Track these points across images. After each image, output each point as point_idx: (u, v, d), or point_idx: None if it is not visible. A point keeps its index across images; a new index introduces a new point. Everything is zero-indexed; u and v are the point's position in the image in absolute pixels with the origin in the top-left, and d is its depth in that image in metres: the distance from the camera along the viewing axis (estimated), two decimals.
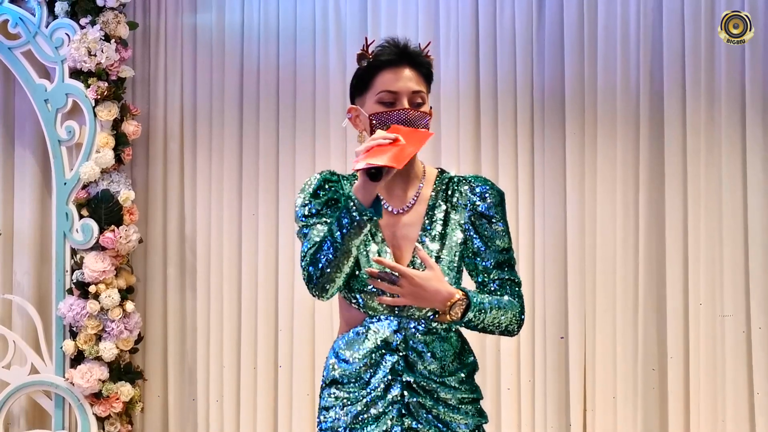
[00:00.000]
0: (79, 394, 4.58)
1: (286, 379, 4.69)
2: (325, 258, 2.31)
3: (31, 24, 4.64)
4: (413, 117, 2.39)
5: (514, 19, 4.46)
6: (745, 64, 4.23)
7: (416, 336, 2.41)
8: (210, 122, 4.82)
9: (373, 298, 2.39)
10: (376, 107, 2.41)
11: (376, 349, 2.40)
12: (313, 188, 2.43)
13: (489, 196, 2.46)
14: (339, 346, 2.45)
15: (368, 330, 2.42)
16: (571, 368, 4.37)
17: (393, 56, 2.41)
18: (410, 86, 2.40)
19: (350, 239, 2.30)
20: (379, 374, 2.39)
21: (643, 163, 4.33)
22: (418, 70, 2.43)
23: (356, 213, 2.28)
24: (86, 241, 4.56)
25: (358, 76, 2.45)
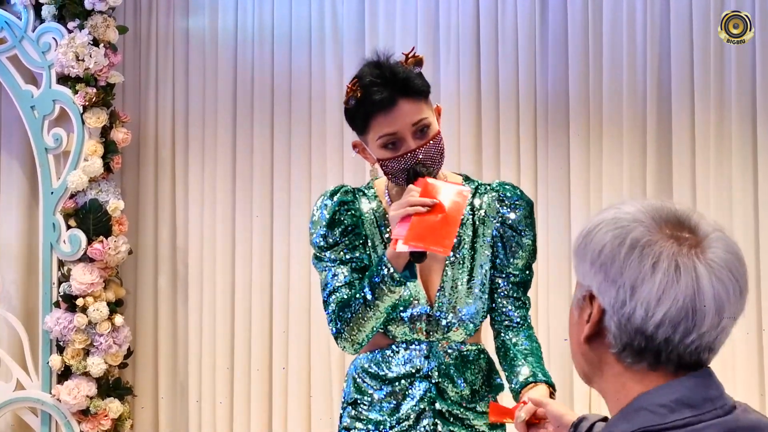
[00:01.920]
0: (66, 411, 4.50)
1: (281, 393, 4.61)
2: (355, 316, 2.25)
3: (17, 28, 4.57)
4: (423, 155, 2.25)
5: (516, 20, 4.42)
6: (756, 65, 4.20)
7: (448, 361, 2.32)
8: (202, 129, 4.75)
9: (402, 326, 2.30)
10: (382, 153, 2.27)
11: (406, 376, 2.31)
12: (329, 214, 2.33)
13: (519, 207, 2.36)
14: (364, 364, 2.35)
15: (396, 354, 2.33)
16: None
17: (382, 96, 2.22)
18: (409, 120, 2.25)
19: (382, 302, 2.23)
20: (410, 402, 2.30)
21: (651, 167, 4.28)
22: (410, 95, 2.25)
23: (389, 280, 2.20)
24: (74, 253, 4.48)
25: (351, 118, 2.31)
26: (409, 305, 2.30)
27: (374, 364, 2.33)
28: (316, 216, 2.35)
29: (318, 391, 4.55)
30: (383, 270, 2.20)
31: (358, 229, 2.33)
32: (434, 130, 2.29)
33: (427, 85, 2.32)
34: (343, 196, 2.36)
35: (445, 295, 2.31)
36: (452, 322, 2.31)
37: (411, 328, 2.30)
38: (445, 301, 2.31)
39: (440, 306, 2.31)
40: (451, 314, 2.31)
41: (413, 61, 2.30)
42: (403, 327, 2.30)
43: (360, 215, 2.34)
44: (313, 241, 2.35)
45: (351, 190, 2.38)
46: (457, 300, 2.31)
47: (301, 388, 4.59)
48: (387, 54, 2.29)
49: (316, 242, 2.34)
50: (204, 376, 4.71)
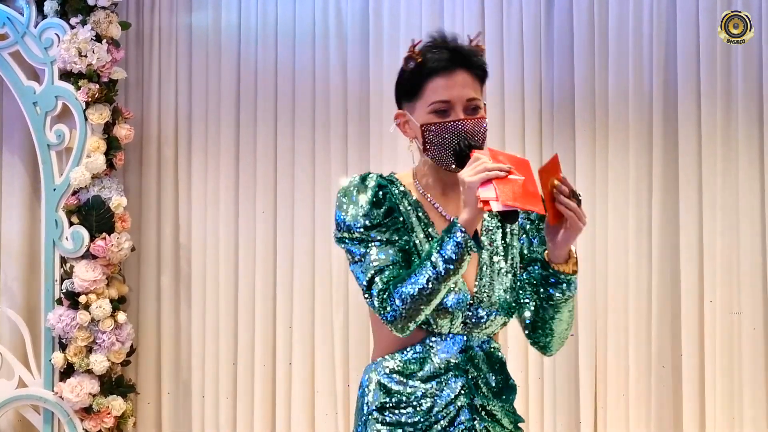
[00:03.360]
0: (68, 409, 4.49)
1: (285, 389, 4.60)
2: (420, 292, 2.12)
3: (19, 24, 4.54)
4: (471, 128, 2.20)
5: (521, 20, 4.40)
6: (762, 65, 4.20)
7: (480, 356, 2.26)
8: (206, 126, 4.73)
9: (444, 316, 2.22)
10: (429, 117, 2.21)
11: (442, 371, 2.23)
12: (371, 195, 2.24)
13: None
14: (390, 365, 2.26)
15: (430, 349, 2.24)
16: (581, 366, 4.32)
17: (444, 60, 2.20)
18: (465, 93, 2.20)
19: (454, 273, 2.12)
20: (446, 398, 2.22)
21: (657, 167, 4.27)
22: (473, 72, 2.23)
23: (464, 245, 2.10)
24: (76, 250, 4.46)
25: (405, 81, 2.26)
26: (451, 292, 2.21)
27: (407, 363, 2.25)
28: (349, 197, 2.24)
29: (322, 387, 4.53)
30: (457, 237, 2.10)
31: (396, 213, 2.25)
32: (481, 113, 2.25)
33: (486, 72, 2.28)
34: (380, 180, 2.27)
35: (484, 284, 2.25)
36: (491, 312, 2.25)
37: (452, 319, 2.23)
38: (483, 291, 2.25)
39: (479, 295, 2.24)
40: (489, 305, 2.25)
41: (477, 50, 2.27)
42: (446, 318, 2.22)
43: (396, 201, 2.26)
44: (351, 224, 2.21)
45: (384, 177, 2.29)
46: (494, 290, 2.26)
47: (305, 384, 4.57)
48: (452, 33, 2.27)
49: (356, 224, 2.21)
50: (207, 373, 4.69)
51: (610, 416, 4.28)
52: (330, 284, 4.52)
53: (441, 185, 2.29)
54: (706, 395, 4.19)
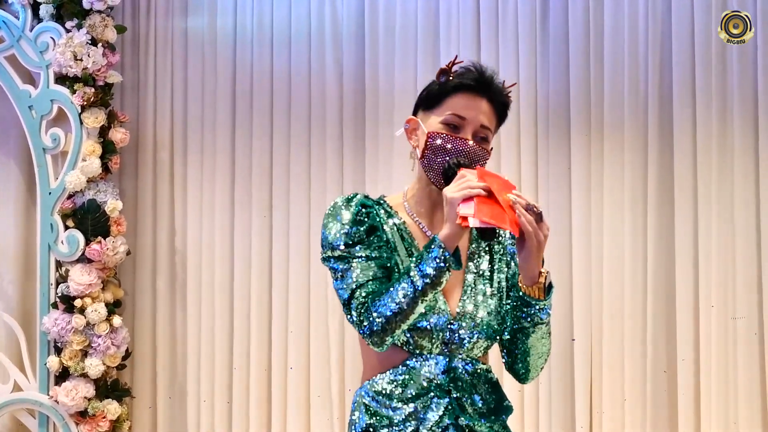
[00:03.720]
0: (63, 413, 4.47)
1: (280, 395, 4.59)
2: (398, 307, 2.15)
3: (14, 27, 4.54)
4: (473, 151, 2.26)
5: (517, 22, 4.39)
6: (758, 67, 4.18)
7: (464, 376, 2.27)
8: (201, 130, 4.72)
9: (424, 337, 2.24)
10: (439, 127, 2.27)
11: (426, 391, 2.24)
12: (352, 214, 2.27)
13: None
14: (375, 388, 2.28)
15: (412, 370, 2.26)
16: (576, 371, 4.31)
17: (474, 82, 2.28)
18: (481, 119, 2.28)
19: (432, 289, 2.15)
20: (431, 419, 2.22)
21: (652, 168, 4.26)
22: (495, 106, 2.31)
23: (444, 263, 2.13)
24: (72, 253, 4.45)
25: (432, 91, 2.32)
26: (431, 313, 2.24)
27: (389, 384, 2.27)
28: (336, 216, 2.27)
29: (318, 391, 4.52)
30: (436, 253, 2.13)
31: (379, 231, 2.28)
32: (488, 146, 2.31)
33: (506, 116, 2.36)
34: (363, 199, 2.31)
35: (467, 306, 2.27)
36: (473, 334, 2.26)
37: (432, 340, 2.24)
38: (466, 312, 2.27)
39: (461, 317, 2.26)
40: (471, 326, 2.26)
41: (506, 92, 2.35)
42: (425, 338, 2.24)
43: (380, 220, 2.30)
44: (333, 241, 2.24)
45: (369, 197, 2.34)
46: (478, 312, 2.27)
47: (301, 388, 4.56)
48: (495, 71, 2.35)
49: (338, 241, 2.24)
50: (202, 377, 4.67)
51: (606, 421, 4.27)
52: (326, 288, 4.51)
53: (429, 205, 2.33)
54: (702, 399, 4.17)
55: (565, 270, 4.33)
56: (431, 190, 2.31)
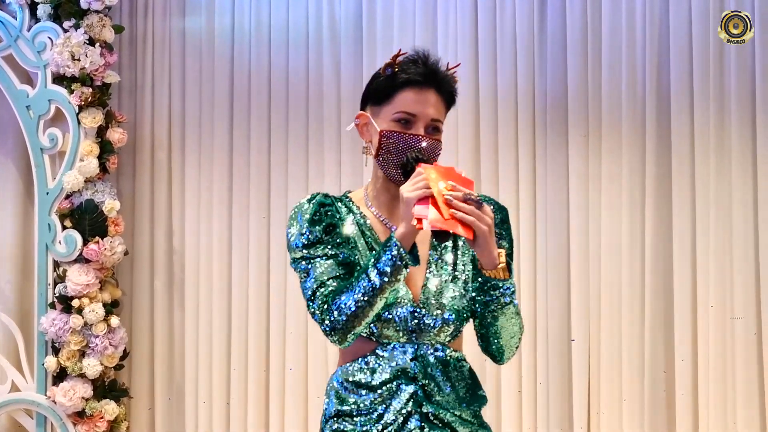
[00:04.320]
0: (61, 413, 4.47)
1: (278, 395, 4.58)
2: (356, 305, 2.19)
3: (12, 27, 4.53)
4: (427, 146, 2.29)
5: (515, 20, 4.39)
6: (755, 65, 4.18)
7: (433, 364, 2.29)
8: (199, 130, 4.71)
9: (389, 327, 2.28)
10: (391, 125, 2.30)
11: (393, 378, 2.27)
12: (310, 214, 2.30)
13: (496, 212, 2.35)
14: (345, 375, 2.31)
15: (381, 358, 2.29)
16: (574, 371, 4.30)
17: (421, 76, 2.29)
18: (430, 112, 2.29)
19: (389, 286, 2.18)
20: (395, 406, 2.26)
21: (650, 168, 4.26)
22: (443, 96, 2.33)
23: (399, 260, 2.16)
24: (69, 253, 4.45)
25: (378, 85, 2.33)
26: (395, 303, 2.27)
27: (358, 372, 2.30)
28: (295, 219, 2.32)
29: (317, 392, 4.51)
30: (393, 251, 2.16)
31: (338, 228, 2.32)
32: (440, 136, 2.34)
33: (454, 102, 2.38)
34: (322, 198, 2.35)
35: (430, 292, 2.30)
36: (438, 320, 2.29)
37: (397, 329, 2.28)
38: (430, 298, 2.29)
39: (426, 304, 2.29)
40: (436, 311, 2.29)
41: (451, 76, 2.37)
42: (389, 327, 2.28)
43: (340, 218, 2.34)
44: (293, 243, 2.29)
45: (329, 195, 2.38)
46: (442, 297, 2.30)
47: (299, 389, 4.55)
48: (435, 56, 2.36)
49: (297, 243, 2.29)
50: (200, 377, 4.67)
51: (603, 421, 4.26)
52: None
53: (388, 198, 2.35)
54: (700, 399, 4.17)
55: (563, 270, 4.32)
56: (390, 184, 2.34)
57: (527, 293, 4.32)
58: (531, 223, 4.35)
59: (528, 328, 4.30)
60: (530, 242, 4.34)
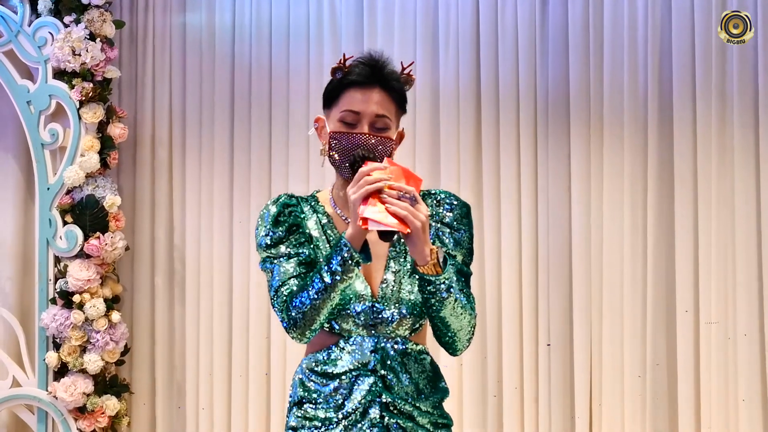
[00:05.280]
0: (62, 408, 4.47)
1: (278, 388, 4.57)
2: (311, 302, 2.27)
3: (12, 22, 4.53)
4: (372, 143, 2.32)
5: (516, 18, 4.37)
6: (758, 64, 4.15)
7: (393, 356, 2.35)
8: (200, 126, 4.71)
9: (348, 321, 2.34)
10: (338, 126, 2.35)
11: (353, 369, 2.34)
12: (273, 216, 2.38)
13: (455, 208, 2.41)
14: (309, 364, 2.40)
15: (342, 350, 2.36)
16: (576, 368, 4.29)
17: (364, 76, 2.35)
18: (374, 109, 2.33)
19: (340, 284, 2.25)
20: (356, 396, 2.33)
21: (652, 167, 4.24)
22: (389, 93, 2.36)
23: (350, 260, 2.22)
24: (70, 249, 4.45)
25: (329, 89, 2.41)
26: (354, 299, 2.33)
27: (320, 363, 2.37)
28: (261, 220, 2.39)
29: None
30: (343, 252, 2.22)
31: (302, 228, 2.38)
32: (390, 135, 2.36)
33: (404, 98, 2.41)
34: (286, 199, 2.41)
35: (389, 287, 2.35)
36: (395, 314, 2.34)
37: (356, 323, 2.34)
38: (388, 293, 2.34)
39: (384, 298, 2.34)
40: (394, 306, 2.34)
41: (405, 78, 2.41)
42: (348, 322, 2.34)
43: (304, 217, 2.40)
44: (258, 243, 2.38)
45: (294, 196, 2.44)
46: (400, 292, 2.35)
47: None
48: (385, 56, 2.40)
49: (261, 242, 2.37)
50: (201, 373, 4.66)
51: (604, 418, 4.24)
52: None
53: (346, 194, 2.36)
54: (702, 395, 4.16)
55: (564, 266, 4.32)
56: (348, 183, 2.37)
57: (529, 290, 4.31)
58: (533, 221, 4.33)
59: (530, 325, 4.31)
60: (532, 239, 4.33)
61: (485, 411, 4.38)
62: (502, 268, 4.33)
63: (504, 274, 4.33)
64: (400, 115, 2.41)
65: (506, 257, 4.33)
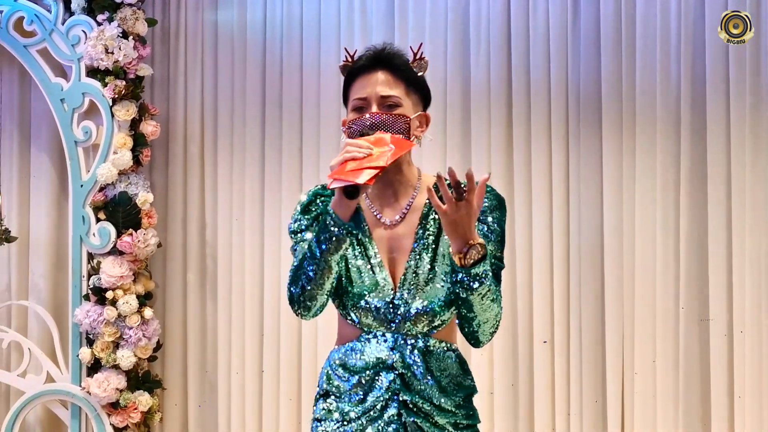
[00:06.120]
0: (96, 404, 4.50)
1: (309, 384, 4.58)
2: (305, 276, 2.30)
3: (47, 21, 4.55)
4: (382, 121, 2.33)
5: (548, 14, 4.34)
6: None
7: (413, 354, 2.35)
8: (231, 123, 4.72)
9: (367, 315, 2.35)
10: (351, 116, 2.38)
11: (372, 366, 2.35)
12: (303, 204, 2.42)
13: (487, 199, 2.39)
14: (334, 358, 2.43)
15: (364, 346, 2.37)
16: (608, 372, 4.26)
17: (366, 62, 2.39)
18: (379, 90, 2.36)
19: (329, 254, 2.26)
20: (375, 392, 2.34)
21: (684, 165, 4.20)
22: (393, 72, 2.38)
23: (334, 228, 2.24)
24: (103, 246, 4.47)
25: (342, 89, 2.45)
26: (373, 292, 2.34)
27: (344, 356, 2.39)
28: (295, 209, 2.43)
29: None
30: (327, 218, 2.24)
31: None
32: (402, 111, 2.36)
33: (413, 76, 2.40)
34: (319, 189, 2.44)
35: (407, 283, 2.35)
36: (412, 310, 2.34)
37: (375, 317, 2.34)
38: (406, 289, 2.34)
39: (402, 294, 2.34)
40: (412, 302, 2.34)
41: (419, 63, 2.43)
42: (368, 316, 2.35)
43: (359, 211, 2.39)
44: (288, 229, 2.42)
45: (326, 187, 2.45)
46: (418, 288, 2.34)
47: None
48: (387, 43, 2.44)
49: (290, 228, 2.42)
50: (233, 370, 4.68)
51: (637, 418, 4.21)
52: None
53: (378, 189, 2.42)
54: (736, 395, 4.11)
55: (596, 266, 4.28)
56: None
57: (560, 291, 4.29)
58: (564, 220, 4.31)
59: (561, 325, 4.29)
60: (563, 240, 4.30)
61: (516, 409, 4.36)
62: (534, 268, 4.30)
63: (535, 275, 4.31)
64: (415, 92, 2.40)
65: (537, 258, 4.31)
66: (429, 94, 2.46)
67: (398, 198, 2.41)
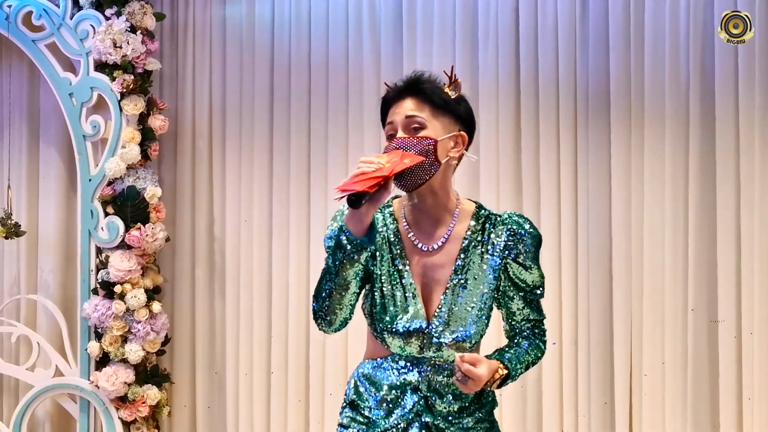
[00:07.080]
0: (104, 398, 4.51)
1: (318, 382, 4.59)
2: (325, 291, 2.34)
3: (55, 16, 4.56)
4: (406, 143, 2.36)
5: (556, 10, 4.32)
6: None
7: (437, 377, 2.41)
8: (239, 118, 4.72)
9: (399, 339, 2.39)
10: (386, 143, 2.43)
11: (398, 386, 2.41)
12: (341, 213, 2.44)
13: (527, 239, 2.45)
14: (364, 370, 2.48)
15: (392, 366, 2.43)
16: (617, 378, 4.25)
17: (396, 92, 2.43)
18: (405, 113, 2.39)
19: (344, 270, 2.31)
20: (400, 411, 2.40)
21: (693, 162, 4.18)
22: (419, 96, 2.41)
23: (347, 243, 2.28)
24: (112, 240, 4.48)
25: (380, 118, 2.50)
26: (405, 317, 2.37)
27: (372, 371, 2.44)
28: (333, 220, 2.45)
29: None
30: (341, 235, 2.28)
31: None
32: (427, 133, 2.38)
33: (443, 100, 2.41)
34: None
35: (443, 315, 2.38)
36: (445, 341, 2.38)
37: (405, 342, 2.38)
38: (441, 321, 2.38)
39: (436, 325, 2.38)
40: (445, 334, 2.38)
41: (454, 85, 2.44)
42: (398, 340, 2.38)
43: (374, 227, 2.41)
44: (324, 240, 2.45)
45: None
46: (453, 321, 2.38)
47: (338, 375, 4.55)
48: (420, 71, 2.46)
49: (325, 240, 2.44)
50: (241, 365, 4.69)
51: (645, 418, 4.19)
52: None
53: (416, 213, 2.45)
54: (744, 394, 4.09)
55: (604, 264, 4.27)
56: (412, 198, 2.44)
57: (568, 289, 4.28)
58: (573, 219, 4.29)
59: (569, 325, 4.27)
60: (572, 238, 4.29)
61: (524, 410, 4.35)
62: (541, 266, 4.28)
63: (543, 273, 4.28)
64: (445, 115, 2.40)
65: (545, 260, 4.25)
66: (465, 114, 2.45)
67: (436, 224, 2.44)
